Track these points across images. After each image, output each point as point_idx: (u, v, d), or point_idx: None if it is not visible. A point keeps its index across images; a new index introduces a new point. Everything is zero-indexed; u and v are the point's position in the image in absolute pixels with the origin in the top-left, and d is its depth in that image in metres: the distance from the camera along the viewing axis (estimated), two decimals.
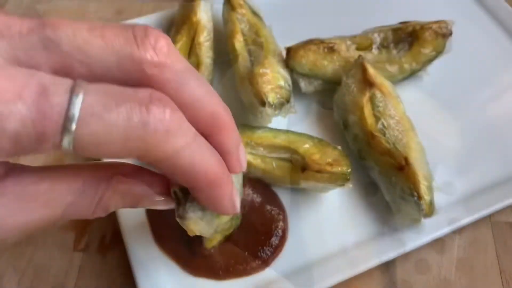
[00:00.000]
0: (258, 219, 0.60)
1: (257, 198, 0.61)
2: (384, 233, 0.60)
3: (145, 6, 0.82)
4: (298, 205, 0.62)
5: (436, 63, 0.70)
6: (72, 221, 0.63)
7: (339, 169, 0.58)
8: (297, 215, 0.61)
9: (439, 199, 0.60)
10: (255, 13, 0.73)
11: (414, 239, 0.58)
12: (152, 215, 0.61)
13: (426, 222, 0.59)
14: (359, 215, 0.62)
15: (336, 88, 0.68)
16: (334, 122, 0.68)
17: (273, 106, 0.61)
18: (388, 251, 0.58)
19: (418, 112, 0.67)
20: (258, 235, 0.59)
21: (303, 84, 0.68)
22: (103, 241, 0.62)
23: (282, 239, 0.59)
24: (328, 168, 0.58)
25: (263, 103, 0.61)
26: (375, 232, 0.60)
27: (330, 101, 0.69)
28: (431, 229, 0.59)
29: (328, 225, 0.61)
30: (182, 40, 0.69)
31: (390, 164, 0.60)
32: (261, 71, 0.64)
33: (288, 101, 0.63)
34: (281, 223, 0.60)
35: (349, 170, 0.58)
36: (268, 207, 0.61)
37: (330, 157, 0.59)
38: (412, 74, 0.70)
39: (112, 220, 0.62)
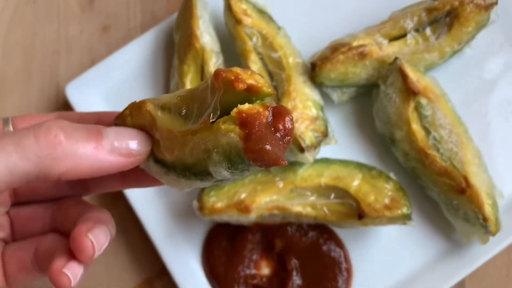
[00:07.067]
0: (320, 264, 0.58)
1: (315, 242, 0.59)
2: (450, 252, 0.58)
3: (132, 19, 0.71)
4: (358, 238, 0.60)
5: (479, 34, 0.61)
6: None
7: (399, 212, 0.54)
8: (358, 249, 0.59)
9: (501, 204, 0.57)
10: (261, 11, 0.63)
11: (482, 255, 0.57)
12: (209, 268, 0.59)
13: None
14: (421, 235, 0.59)
15: (373, 90, 0.61)
16: (378, 134, 0.62)
17: (312, 147, 0.56)
18: (458, 271, 0.56)
19: (465, 96, 0.61)
20: (323, 282, 0.58)
21: (335, 96, 0.61)
22: None
23: (348, 280, 0.58)
24: (387, 214, 0.54)
25: (301, 149, 0.55)
26: (440, 251, 0.59)
27: (367, 106, 0.62)
28: (497, 241, 0.57)
29: (392, 252, 0.59)
30: (190, 71, 0.61)
31: (450, 186, 0.55)
32: (289, 105, 0.57)
33: (326, 134, 0.57)
34: (344, 264, 0.58)
35: (410, 211, 0.54)
36: (327, 249, 0.59)
37: (385, 195, 0.55)
38: (453, 55, 0.61)
39: None
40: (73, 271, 0.32)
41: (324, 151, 0.59)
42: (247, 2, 0.62)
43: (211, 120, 0.29)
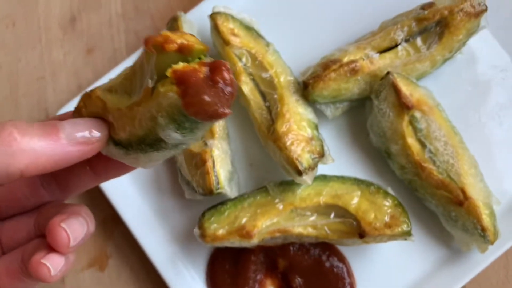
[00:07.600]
0: (323, 281, 0.59)
1: (317, 259, 0.59)
2: (450, 260, 0.59)
3: (116, 39, 0.70)
4: (359, 252, 0.60)
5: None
6: None
7: (399, 229, 0.55)
8: (360, 262, 0.60)
9: (498, 210, 0.58)
10: (248, 28, 0.62)
11: (481, 262, 0.58)
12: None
13: None
14: (421, 245, 0.60)
15: (366, 103, 0.61)
16: (373, 147, 0.62)
17: (310, 169, 0.56)
18: (458, 279, 0.58)
19: (457, 102, 0.61)
20: None
21: (328, 111, 0.61)
22: None
23: None
24: (388, 232, 0.55)
25: (299, 173, 0.55)
26: (440, 259, 0.60)
27: (361, 119, 0.62)
28: (496, 247, 0.57)
29: (394, 263, 0.60)
30: None
31: (447, 198, 0.56)
32: (284, 128, 0.56)
33: (322, 154, 0.57)
34: (347, 279, 0.59)
35: (410, 228, 0.55)
36: (330, 265, 0.59)
37: (385, 213, 0.56)
38: (444, 62, 0.61)
39: None
40: (52, 262, 0.33)
41: (321, 167, 0.58)
42: (234, 20, 0.61)
43: (151, 87, 0.29)
